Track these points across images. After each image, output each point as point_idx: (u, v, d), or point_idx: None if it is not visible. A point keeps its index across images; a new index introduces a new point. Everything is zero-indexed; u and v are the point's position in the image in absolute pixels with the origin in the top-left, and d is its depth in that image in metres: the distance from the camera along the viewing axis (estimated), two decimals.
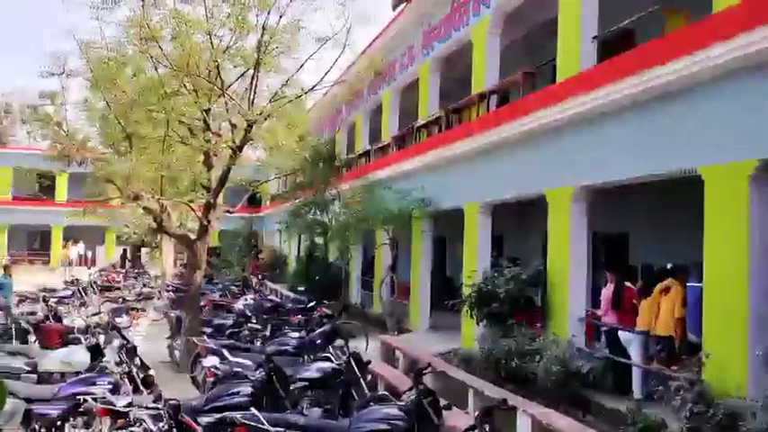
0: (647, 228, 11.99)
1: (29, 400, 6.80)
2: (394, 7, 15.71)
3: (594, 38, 9.44)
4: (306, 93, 11.62)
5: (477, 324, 10.58)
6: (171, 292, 18.85)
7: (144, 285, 22.52)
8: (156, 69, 11.07)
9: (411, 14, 15.45)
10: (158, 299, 18.87)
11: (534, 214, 12.30)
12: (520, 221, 14.89)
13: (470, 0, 12.79)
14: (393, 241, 15.31)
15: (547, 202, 9.97)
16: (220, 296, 17.57)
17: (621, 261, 11.88)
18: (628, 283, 9.09)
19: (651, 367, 8.14)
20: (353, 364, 7.86)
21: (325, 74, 11.38)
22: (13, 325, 11.37)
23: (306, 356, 9.54)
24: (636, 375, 8.36)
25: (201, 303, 13.58)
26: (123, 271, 28.41)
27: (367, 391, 7.88)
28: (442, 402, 5.99)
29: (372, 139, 19.71)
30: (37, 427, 6.79)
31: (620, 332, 8.76)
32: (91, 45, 11.20)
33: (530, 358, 8.87)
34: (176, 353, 12.04)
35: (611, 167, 8.63)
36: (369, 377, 8.35)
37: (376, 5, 11.28)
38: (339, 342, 9.80)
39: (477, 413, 5.42)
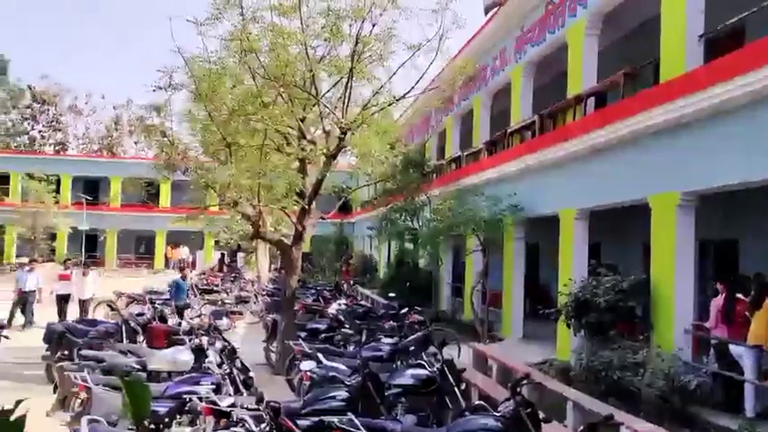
0: (759, 234, 11.22)
1: None
2: (486, 11, 15.57)
3: (701, 36, 8.95)
4: (398, 100, 11.69)
5: (575, 334, 10.24)
6: (266, 296, 19.43)
7: (241, 289, 23.30)
8: (254, 80, 11.46)
9: (504, 18, 15.25)
10: (254, 302, 19.45)
11: (634, 221, 11.80)
12: (618, 228, 14.31)
13: (566, 1, 12.46)
14: (484, 248, 15.11)
15: (649, 209, 9.52)
16: (313, 301, 17.91)
17: (731, 270, 11.17)
18: (739, 295, 8.53)
19: (766, 384, 7.60)
20: (448, 371, 7.79)
21: (418, 81, 11.42)
22: (124, 325, 12.00)
23: (399, 362, 9.54)
24: (748, 392, 7.83)
25: (296, 307, 13.89)
26: (221, 275, 29.56)
27: (461, 400, 7.79)
28: (541, 415, 5.82)
29: (463, 145, 19.58)
30: (146, 423, 7.14)
31: (730, 346, 8.23)
32: (195, 59, 11.74)
33: (632, 371, 8.49)
34: (272, 355, 12.36)
35: (721, 171, 8.14)
36: (463, 386, 8.23)
37: (468, 10, 11.19)
38: (432, 349, 9.76)
39: (580, 428, 5.21)
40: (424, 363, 8.25)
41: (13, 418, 1.16)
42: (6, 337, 11.77)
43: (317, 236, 34.52)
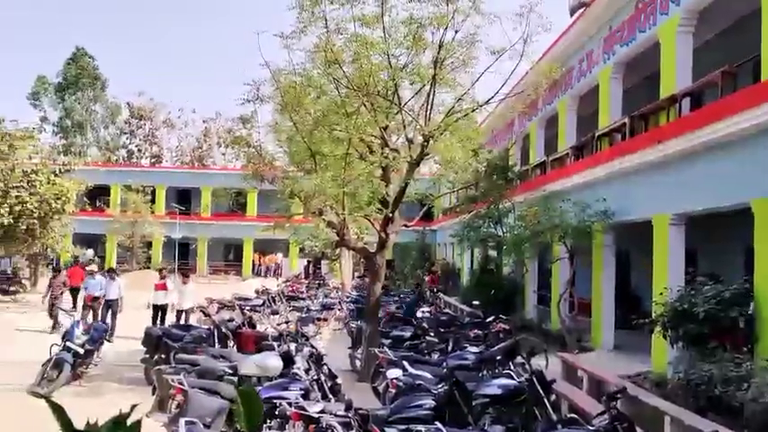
0: None
1: (232, 401, 7.38)
2: (572, 12, 15.19)
3: None
4: (481, 106, 11.57)
5: (672, 346, 9.75)
6: (350, 303, 19.65)
7: (325, 296, 23.67)
8: (337, 91, 11.65)
9: (591, 19, 14.83)
10: (339, 309, 19.70)
11: (735, 226, 11.14)
12: (717, 234, 13.55)
13: None
14: (572, 255, 14.68)
15: (752, 213, 8.95)
16: (397, 308, 17.95)
17: None
18: None
19: None
20: (537, 382, 7.60)
21: (501, 86, 11.27)
22: (216, 330, 12.43)
23: (485, 372, 9.40)
24: None
25: (380, 315, 13.95)
26: (306, 282, 30.18)
27: (551, 412, 7.57)
28: (638, 430, 5.56)
29: (548, 150, 19.15)
30: (238, 426, 7.35)
31: None
32: (281, 72, 12.07)
33: (735, 385, 7.97)
34: (357, 362, 12.46)
35: None
36: (552, 397, 8.00)
37: (553, 12, 10.94)
38: (519, 359, 9.55)
39: None
40: (511, 373, 8.09)
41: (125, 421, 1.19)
42: (109, 341, 12.46)
43: (399, 243, 34.64)
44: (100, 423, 1.16)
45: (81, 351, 10.95)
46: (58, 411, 0.93)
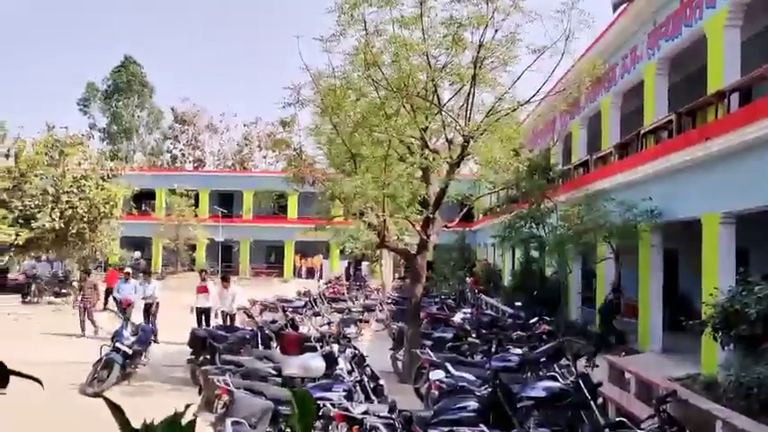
0: None
1: (276, 402, 7.46)
2: (615, 8, 14.91)
3: None
4: (522, 105, 11.45)
5: (723, 348, 9.46)
6: (391, 305, 19.66)
7: (366, 297, 23.72)
8: (377, 93, 11.67)
9: (634, 14, 14.53)
10: (380, 311, 19.73)
11: None
12: None
13: None
14: (617, 255, 14.39)
15: None
16: (438, 309, 17.88)
17: None
18: None
19: None
20: (583, 385, 7.46)
21: (543, 84, 11.13)
22: (259, 332, 12.57)
23: (529, 374, 9.29)
24: None
25: (420, 316, 13.91)
26: (347, 284, 30.30)
27: (598, 416, 7.43)
28: None
29: (590, 149, 18.83)
30: (282, 427, 7.42)
31: None
32: (320, 75, 12.16)
33: None
34: (399, 364, 12.45)
35: None
36: (599, 400, 7.85)
37: (595, 8, 10.75)
38: (564, 361, 9.41)
39: None
40: (556, 375, 7.97)
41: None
42: (155, 341, 12.73)
43: (439, 244, 34.43)
44: (141, 423, 1.18)
45: (129, 352, 11.23)
46: (117, 411, 0.95)
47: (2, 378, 0.86)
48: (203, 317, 15.78)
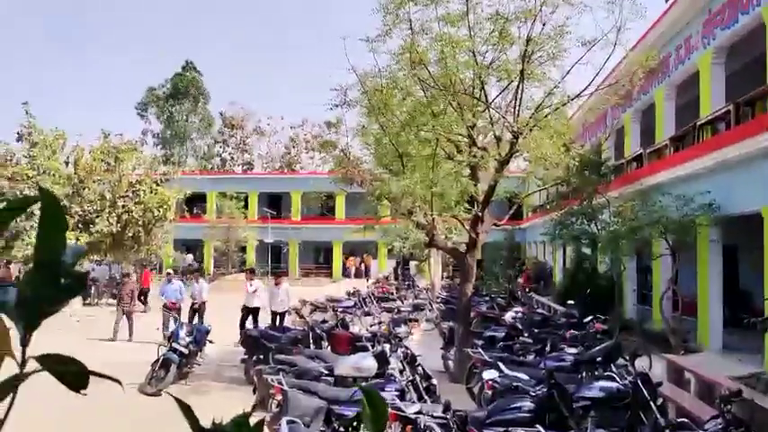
0: None
1: (329, 401, 7.50)
2: None
3: None
4: (572, 100, 11.21)
5: None
6: (440, 304, 19.57)
7: (415, 297, 23.68)
8: (423, 91, 11.62)
9: (688, 3, 14.07)
10: (429, 310, 19.66)
11: None
12: None
13: None
14: (674, 251, 13.96)
15: None
16: (488, 308, 17.71)
17: None
18: None
19: None
20: (641, 385, 7.25)
21: (594, 78, 10.88)
22: (310, 331, 12.68)
23: (584, 374, 9.09)
24: None
25: (470, 315, 13.79)
26: (396, 283, 30.31)
27: (658, 416, 7.21)
28: None
29: (644, 142, 18.34)
30: (336, 425, 7.45)
31: None
32: (367, 76, 12.18)
33: None
34: (450, 363, 12.37)
35: None
36: (659, 401, 7.62)
37: None
38: (621, 360, 9.18)
39: None
40: (613, 375, 7.77)
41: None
42: (210, 341, 12.98)
43: (488, 243, 34.03)
44: (210, 422, 1.17)
45: (186, 351, 11.48)
46: (186, 409, 0.94)
47: (82, 379, 0.86)
48: (251, 316, 15.61)
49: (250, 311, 15.72)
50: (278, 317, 15.54)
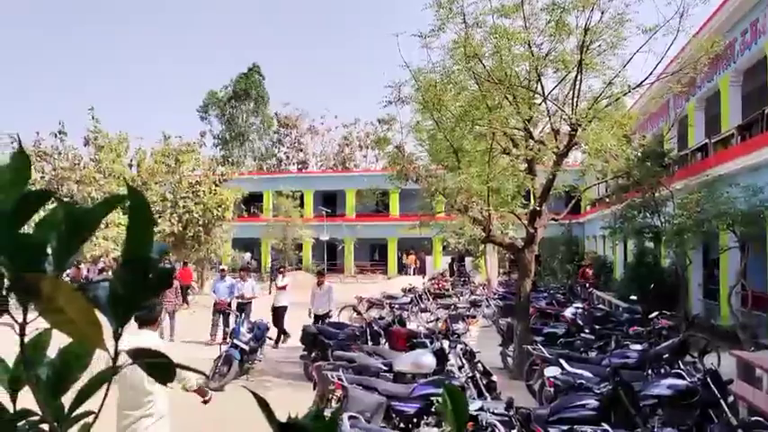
0: None
1: (389, 397, 7.52)
2: None
3: None
4: (633, 89, 10.89)
5: None
6: (497, 300, 19.36)
7: (471, 293, 23.50)
8: (478, 85, 11.49)
9: None
10: (486, 306, 19.47)
11: None
12: None
13: None
14: (743, 244, 13.42)
15: None
16: (546, 304, 17.42)
17: None
18: None
19: None
20: (711, 382, 6.99)
21: (656, 66, 10.55)
22: (368, 328, 12.73)
23: (650, 371, 8.83)
24: None
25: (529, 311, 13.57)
26: (451, 279, 30.16)
27: (729, 415, 6.93)
28: None
29: (709, 131, 17.67)
30: (396, 422, 7.46)
31: None
32: (420, 71, 12.13)
33: None
34: (509, 360, 12.23)
35: None
36: (730, 399, 7.33)
37: None
38: (688, 357, 8.88)
39: None
40: (681, 372, 7.52)
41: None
42: (270, 338, 13.21)
43: (545, 238, 33.38)
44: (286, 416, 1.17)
45: (246, 348, 11.71)
46: (262, 403, 0.95)
47: (170, 372, 0.88)
48: (280, 315, 14.94)
49: (277, 311, 15.10)
50: (319, 321, 14.20)
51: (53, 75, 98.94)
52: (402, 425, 7.44)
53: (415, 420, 7.39)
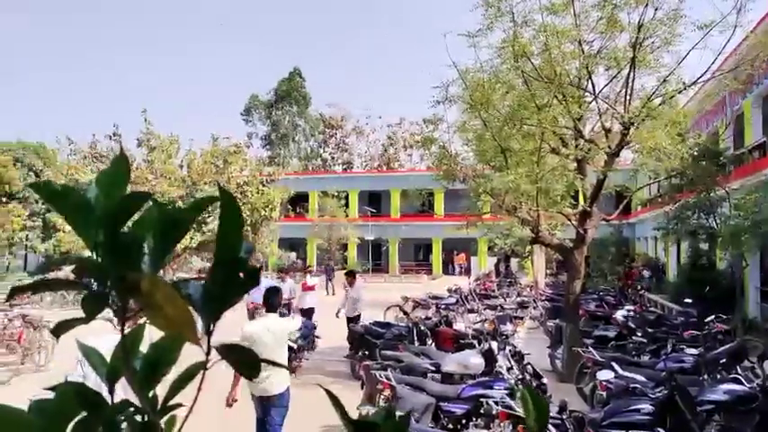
0: None
1: (437, 397, 7.51)
2: None
3: None
4: (688, 87, 10.59)
5: None
6: (545, 301, 19.10)
7: (518, 294, 23.24)
8: (527, 85, 11.36)
9: None
10: (533, 308, 19.24)
11: None
12: None
13: None
14: None
15: None
16: (596, 306, 17.10)
17: None
18: None
19: None
20: None
21: (712, 62, 10.24)
22: (414, 328, 12.73)
23: (706, 376, 8.59)
24: None
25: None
26: (497, 280, 29.90)
27: None
28: None
29: (767, 130, 17.06)
30: (444, 422, 7.45)
31: None
32: (468, 71, 12.06)
33: None
34: (557, 362, 12.05)
35: None
36: None
37: None
38: (746, 363, 8.60)
39: None
40: (740, 377, 7.29)
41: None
42: (317, 337, 13.33)
43: (594, 238, 32.74)
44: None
45: (295, 346, 11.85)
46: (334, 400, 0.98)
47: (255, 367, 0.91)
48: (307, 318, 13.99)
49: (305, 314, 14.28)
50: (350, 323, 13.35)
51: (108, 78, 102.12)
52: (450, 426, 7.41)
53: (463, 422, 7.36)
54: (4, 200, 35.03)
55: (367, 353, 11.63)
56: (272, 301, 6.87)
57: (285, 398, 6.60)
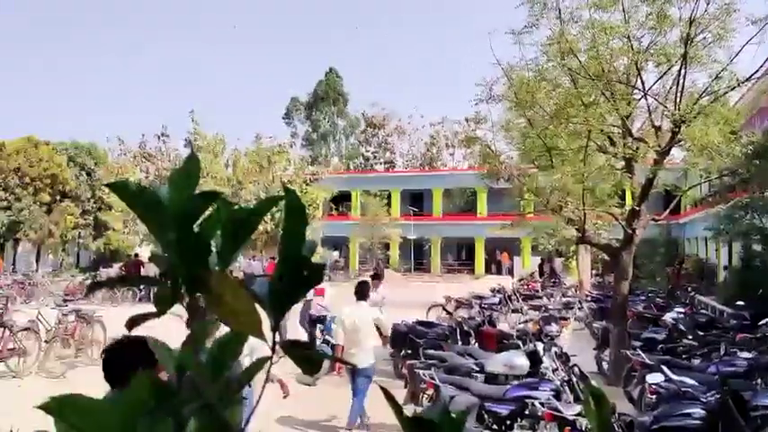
0: None
1: (481, 398, 7.46)
2: None
3: None
4: (742, 83, 10.25)
5: None
6: (591, 302, 18.77)
7: (563, 295, 22.90)
8: (573, 82, 11.18)
9: None
10: (578, 309, 18.92)
11: None
12: None
13: None
14: None
15: None
16: (644, 308, 16.73)
17: None
18: None
19: None
20: None
21: (767, 58, 9.89)
22: (458, 327, 12.67)
23: (760, 381, 8.33)
24: None
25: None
26: (541, 280, 29.52)
27: None
28: None
29: None
30: (489, 423, 7.40)
31: None
32: (512, 69, 11.95)
33: None
34: (604, 364, 11.84)
35: None
36: None
37: None
38: None
39: None
40: None
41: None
42: None
43: (642, 239, 31.99)
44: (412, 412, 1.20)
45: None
46: (389, 396, 0.99)
47: (316, 364, 0.93)
48: (313, 327, 13.22)
49: (315, 323, 13.29)
50: None
51: (157, 79, 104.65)
52: (495, 426, 7.36)
53: (508, 422, 7.30)
54: (58, 198, 36.23)
55: (410, 352, 11.63)
56: (363, 290, 8.40)
57: (369, 371, 7.98)
